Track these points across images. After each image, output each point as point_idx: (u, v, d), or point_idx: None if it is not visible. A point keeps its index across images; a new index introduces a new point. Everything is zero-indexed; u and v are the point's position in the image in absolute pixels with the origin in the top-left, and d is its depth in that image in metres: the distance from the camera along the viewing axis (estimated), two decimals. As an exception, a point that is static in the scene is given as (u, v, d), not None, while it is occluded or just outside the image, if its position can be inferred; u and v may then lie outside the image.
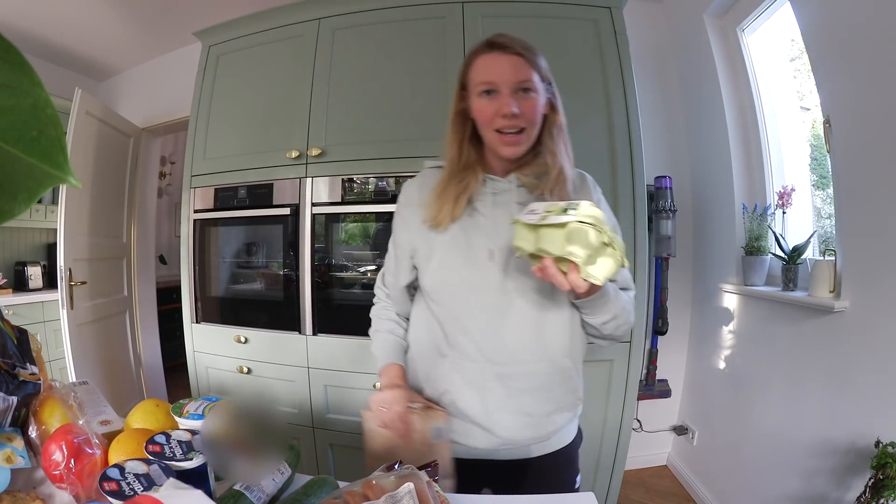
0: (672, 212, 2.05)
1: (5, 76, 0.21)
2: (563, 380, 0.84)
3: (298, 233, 1.69)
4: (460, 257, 0.83)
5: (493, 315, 0.81)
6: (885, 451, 1.10)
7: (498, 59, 0.78)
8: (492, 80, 0.78)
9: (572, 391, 0.86)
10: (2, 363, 0.71)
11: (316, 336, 1.68)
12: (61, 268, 2.27)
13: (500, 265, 0.81)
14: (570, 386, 0.85)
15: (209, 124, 1.86)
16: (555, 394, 0.84)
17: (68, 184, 0.22)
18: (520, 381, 0.82)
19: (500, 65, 0.77)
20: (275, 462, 0.74)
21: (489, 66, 0.78)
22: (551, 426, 0.85)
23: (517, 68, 0.77)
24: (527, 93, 0.78)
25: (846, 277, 1.33)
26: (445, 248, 0.84)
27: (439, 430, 0.82)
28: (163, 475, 0.56)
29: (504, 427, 0.83)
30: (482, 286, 0.81)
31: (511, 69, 0.77)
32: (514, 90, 0.77)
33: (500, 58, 0.78)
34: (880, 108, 1.20)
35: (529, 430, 0.84)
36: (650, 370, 2.18)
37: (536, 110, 0.79)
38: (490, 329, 0.82)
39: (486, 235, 0.82)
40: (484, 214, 0.83)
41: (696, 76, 2.07)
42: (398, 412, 0.83)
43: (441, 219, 0.83)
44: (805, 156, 1.84)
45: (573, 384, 0.85)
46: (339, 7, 1.70)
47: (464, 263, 0.83)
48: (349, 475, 0.68)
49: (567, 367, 0.83)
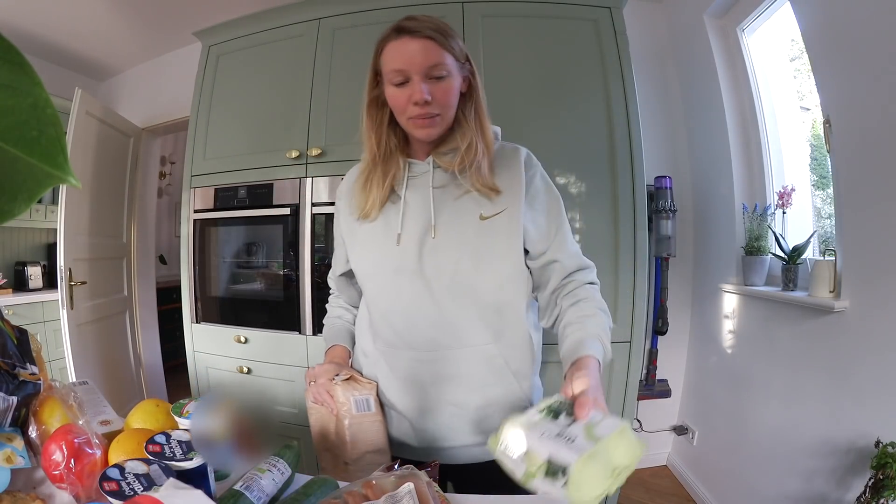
0: (672, 212, 2.05)
1: (5, 76, 0.21)
2: (492, 370, 0.81)
3: (298, 233, 1.69)
4: (376, 244, 0.83)
5: (409, 300, 0.80)
6: (885, 451, 1.10)
7: (407, 44, 0.74)
8: (402, 68, 0.75)
9: (506, 385, 0.82)
10: (2, 363, 0.71)
11: (316, 336, 1.68)
12: (61, 268, 2.27)
13: (414, 249, 0.80)
14: (502, 378, 0.81)
15: (209, 124, 1.86)
16: (483, 384, 0.81)
17: (68, 184, 0.22)
18: (441, 368, 0.80)
19: (409, 50, 0.74)
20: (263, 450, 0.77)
21: (399, 52, 0.75)
22: (488, 424, 0.81)
23: (427, 53, 0.74)
24: (440, 79, 0.75)
25: (846, 277, 1.33)
26: (365, 236, 0.85)
27: (359, 402, 0.81)
28: (163, 475, 0.56)
29: (433, 418, 0.82)
30: (397, 271, 0.80)
31: (421, 54, 0.74)
32: (425, 76, 0.75)
33: (410, 43, 0.74)
34: (880, 108, 1.20)
35: (461, 423, 0.82)
36: (650, 370, 2.18)
37: (450, 95, 0.77)
38: (407, 314, 0.81)
39: (401, 220, 0.81)
40: (402, 199, 0.83)
41: (696, 76, 2.07)
42: (322, 384, 0.82)
43: (369, 209, 0.83)
44: (805, 156, 1.84)
45: (506, 377, 0.81)
46: (339, 7, 1.70)
47: (379, 249, 0.83)
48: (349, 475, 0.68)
49: (493, 356, 0.80)
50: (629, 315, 1.53)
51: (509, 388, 0.82)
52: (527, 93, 1.57)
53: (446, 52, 0.76)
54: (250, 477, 0.63)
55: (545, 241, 0.83)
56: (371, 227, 0.84)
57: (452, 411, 0.82)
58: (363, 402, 0.81)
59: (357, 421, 0.81)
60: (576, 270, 0.83)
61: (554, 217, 0.84)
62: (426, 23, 0.76)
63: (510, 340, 0.82)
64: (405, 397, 0.84)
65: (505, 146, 0.87)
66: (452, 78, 0.77)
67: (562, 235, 0.83)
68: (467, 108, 0.82)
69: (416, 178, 0.84)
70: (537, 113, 1.56)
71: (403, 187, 0.83)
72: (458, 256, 0.79)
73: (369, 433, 0.81)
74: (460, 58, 0.79)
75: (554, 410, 0.60)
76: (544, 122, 1.56)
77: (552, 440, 0.54)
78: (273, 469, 0.66)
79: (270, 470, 0.66)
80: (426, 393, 0.82)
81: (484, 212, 0.79)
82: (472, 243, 0.79)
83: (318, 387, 0.82)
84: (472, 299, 0.80)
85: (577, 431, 0.55)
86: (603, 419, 0.57)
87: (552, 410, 0.60)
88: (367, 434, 0.81)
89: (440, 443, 0.85)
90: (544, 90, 1.58)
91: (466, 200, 0.80)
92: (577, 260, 0.83)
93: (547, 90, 1.59)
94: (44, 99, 0.21)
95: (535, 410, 0.60)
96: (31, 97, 0.21)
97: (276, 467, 0.67)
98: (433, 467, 0.70)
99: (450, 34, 0.77)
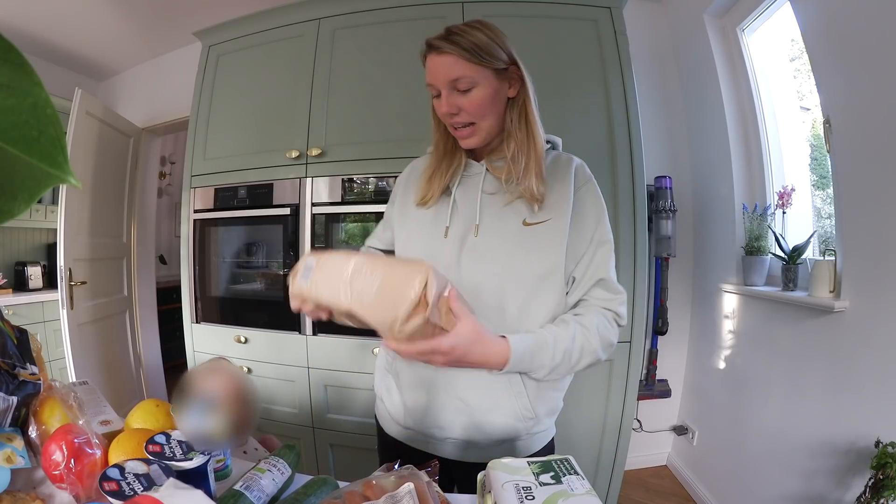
0: (672, 212, 2.05)
1: (5, 76, 0.21)
2: (502, 377, 0.79)
3: (298, 233, 1.69)
4: (425, 232, 0.86)
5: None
6: (885, 451, 1.10)
7: (433, 61, 0.79)
8: (430, 83, 0.80)
9: (515, 395, 0.80)
10: (2, 363, 0.71)
11: (316, 336, 1.68)
12: (61, 268, 2.27)
13: (456, 245, 0.82)
14: (512, 386, 0.80)
15: (209, 124, 1.86)
16: (494, 387, 0.80)
17: (68, 184, 0.22)
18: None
19: (434, 66, 0.78)
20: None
21: (429, 68, 0.80)
22: (490, 427, 0.81)
23: (448, 68, 0.77)
24: (467, 91, 0.78)
25: (846, 277, 1.33)
26: (414, 224, 0.89)
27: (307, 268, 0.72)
28: (163, 475, 0.56)
29: (443, 407, 0.82)
30: (437, 262, 0.79)
31: (442, 70, 0.77)
32: (451, 89, 0.78)
33: (435, 59, 0.78)
34: (880, 108, 1.20)
35: (465, 419, 0.82)
36: (650, 370, 2.18)
37: (479, 104, 0.79)
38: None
39: (449, 216, 0.84)
40: (454, 197, 0.86)
41: (696, 76, 2.07)
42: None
43: (428, 198, 0.87)
44: (805, 156, 1.84)
45: (517, 387, 0.80)
46: (339, 7, 1.70)
47: (424, 239, 0.86)
48: (349, 475, 0.68)
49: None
50: (629, 315, 1.53)
51: (518, 398, 0.81)
52: (527, 93, 1.57)
53: (473, 64, 0.77)
54: (250, 477, 0.63)
55: (578, 259, 0.82)
56: (423, 215, 0.88)
57: (459, 407, 0.82)
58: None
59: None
60: (598, 290, 0.81)
61: (595, 229, 0.82)
62: (451, 36, 0.78)
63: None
64: (415, 381, 0.85)
65: (561, 156, 0.88)
66: (481, 87, 0.78)
67: (599, 257, 0.81)
68: (515, 114, 0.83)
69: (469, 178, 0.87)
70: (537, 113, 1.56)
71: (456, 185, 0.86)
72: (495, 257, 0.80)
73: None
74: (497, 64, 0.79)
75: (545, 467, 0.57)
76: (544, 122, 1.56)
77: (513, 492, 0.52)
78: (273, 469, 0.66)
79: (270, 470, 0.66)
80: (436, 383, 0.83)
81: (528, 219, 0.81)
82: (511, 247, 0.80)
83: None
84: (499, 299, 0.80)
85: (542, 494, 0.52)
86: (580, 496, 0.52)
87: (544, 466, 0.57)
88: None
89: (434, 431, 0.85)
90: (544, 90, 1.57)
91: (514, 206, 0.82)
92: (606, 284, 0.81)
93: (547, 90, 1.58)
94: (44, 99, 0.21)
95: (526, 461, 0.58)
96: (31, 97, 0.21)
97: (276, 467, 0.67)
98: (433, 467, 0.70)
99: (481, 46, 0.78)
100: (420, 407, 0.85)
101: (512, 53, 0.82)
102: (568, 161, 0.87)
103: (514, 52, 0.82)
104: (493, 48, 0.79)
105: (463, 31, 0.78)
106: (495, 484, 0.55)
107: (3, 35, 0.21)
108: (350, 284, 0.65)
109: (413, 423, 0.86)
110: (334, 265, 0.68)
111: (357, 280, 0.65)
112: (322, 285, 0.68)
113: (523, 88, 0.83)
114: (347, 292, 0.65)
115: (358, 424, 1.66)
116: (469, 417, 0.81)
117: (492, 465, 0.58)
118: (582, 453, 1.61)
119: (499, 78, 0.80)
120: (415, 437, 0.88)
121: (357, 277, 0.65)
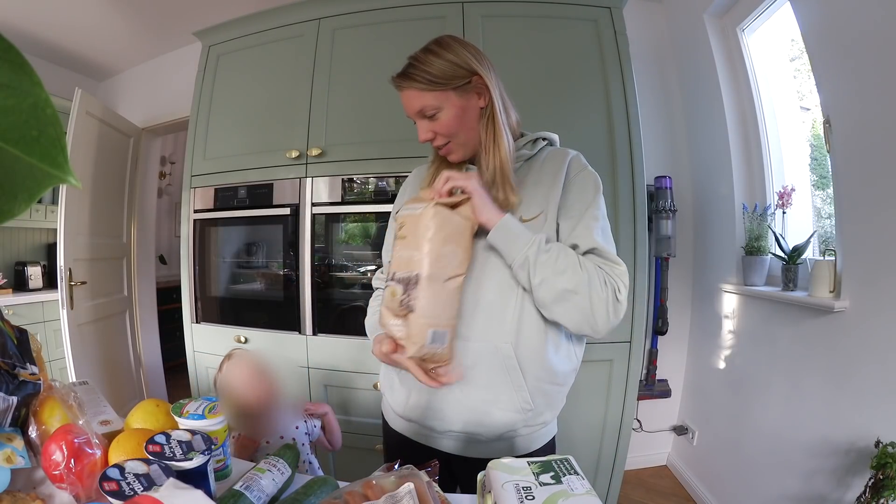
0: (672, 212, 2.05)
1: (5, 76, 0.21)
2: (504, 369, 0.80)
3: (298, 233, 1.69)
4: None
5: None
6: (885, 451, 1.10)
7: (401, 96, 0.84)
8: (407, 114, 0.86)
9: (516, 388, 0.81)
10: (2, 363, 0.70)
11: (316, 336, 1.68)
12: (61, 268, 2.27)
13: None
14: (513, 380, 0.81)
15: (209, 124, 1.86)
16: (493, 382, 0.81)
17: (68, 184, 0.22)
18: (461, 356, 0.80)
19: (403, 101, 0.84)
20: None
21: (402, 101, 0.85)
22: (490, 421, 0.82)
23: (411, 101, 0.82)
24: (433, 116, 0.82)
25: (846, 277, 1.33)
26: None
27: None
28: (163, 475, 0.56)
29: (444, 401, 0.83)
30: None
31: (408, 103, 0.83)
32: (420, 118, 0.83)
33: (402, 94, 0.84)
34: (880, 108, 1.20)
35: (466, 413, 0.82)
36: (650, 370, 2.18)
37: (447, 126, 0.82)
38: None
39: None
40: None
41: (696, 76, 2.07)
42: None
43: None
44: (805, 156, 1.84)
45: (517, 380, 0.81)
46: (339, 7, 1.70)
47: None
48: (349, 475, 0.68)
49: (508, 356, 0.80)
50: (629, 315, 1.53)
51: (518, 391, 0.82)
52: (527, 93, 1.57)
53: (432, 93, 0.81)
54: (250, 477, 0.63)
55: (570, 229, 0.82)
56: None
57: (458, 398, 0.83)
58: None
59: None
60: (592, 256, 0.79)
61: (582, 207, 0.82)
62: (411, 69, 0.81)
63: (529, 348, 0.81)
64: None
65: (556, 152, 0.89)
66: (446, 110, 0.82)
67: (586, 222, 0.81)
68: (485, 122, 0.84)
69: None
70: (537, 113, 1.56)
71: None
72: (487, 255, 0.81)
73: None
74: (456, 83, 0.80)
75: (546, 467, 0.57)
76: (544, 122, 1.56)
77: (513, 492, 0.52)
78: (273, 469, 0.67)
79: (270, 470, 0.66)
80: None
81: (525, 215, 0.82)
82: None
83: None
84: (501, 294, 0.81)
85: (542, 494, 0.52)
86: (580, 496, 0.52)
87: (544, 466, 0.57)
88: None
89: (435, 424, 0.85)
90: (544, 90, 1.58)
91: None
92: (599, 252, 0.79)
93: (547, 90, 1.59)
94: (44, 99, 0.21)
95: (526, 461, 0.58)
96: (31, 97, 0.21)
97: (276, 467, 0.67)
98: (433, 467, 0.70)
99: (436, 74, 0.80)
100: (421, 400, 0.86)
101: (472, 66, 0.81)
102: (563, 154, 0.88)
103: (475, 63, 0.81)
104: (449, 70, 0.80)
105: (419, 61, 0.81)
106: (495, 484, 0.55)
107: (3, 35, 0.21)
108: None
109: (415, 417, 0.87)
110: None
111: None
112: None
113: (490, 95, 0.83)
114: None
115: (358, 424, 1.67)
116: (470, 412, 0.82)
117: (492, 465, 0.58)
118: (582, 453, 1.61)
119: (463, 94, 0.82)
120: (417, 430, 0.88)
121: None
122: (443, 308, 0.73)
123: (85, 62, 2.87)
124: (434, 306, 0.72)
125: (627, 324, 1.54)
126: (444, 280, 0.73)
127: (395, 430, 0.93)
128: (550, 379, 0.83)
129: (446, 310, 0.74)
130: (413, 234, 0.74)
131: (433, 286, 0.72)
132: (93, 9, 2.30)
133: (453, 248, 0.74)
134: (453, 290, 0.75)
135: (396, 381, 0.90)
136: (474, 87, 0.82)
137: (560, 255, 0.76)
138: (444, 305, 0.74)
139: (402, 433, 0.91)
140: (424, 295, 0.72)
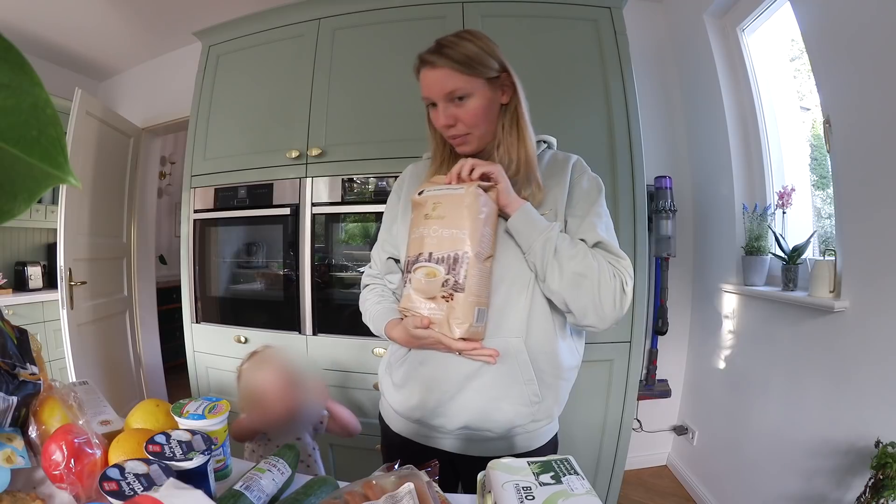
0: (672, 212, 2.05)
1: (5, 76, 0.21)
2: (515, 364, 0.81)
3: (298, 233, 1.69)
4: None
5: None
6: (885, 451, 1.10)
7: (427, 76, 0.81)
8: (427, 96, 0.83)
9: (526, 382, 0.81)
10: (2, 363, 0.70)
11: (316, 336, 1.68)
12: (61, 268, 2.27)
13: None
14: (523, 374, 0.81)
15: (209, 124, 1.86)
16: (504, 376, 0.81)
17: (68, 184, 0.22)
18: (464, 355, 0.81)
19: (429, 81, 0.81)
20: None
21: (424, 82, 0.82)
22: (499, 416, 0.82)
23: (443, 81, 0.79)
24: (461, 100, 0.80)
25: (846, 277, 1.33)
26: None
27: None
28: (163, 475, 0.56)
29: (449, 399, 0.83)
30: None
31: (437, 84, 0.80)
32: (447, 101, 0.81)
33: (429, 74, 0.80)
34: (880, 108, 1.20)
35: (471, 410, 0.82)
36: (650, 370, 2.18)
37: (474, 114, 0.81)
38: None
39: None
40: None
41: (696, 76, 2.07)
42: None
43: None
44: (805, 156, 1.84)
45: (528, 373, 0.81)
46: (339, 7, 1.70)
47: None
48: (349, 475, 0.68)
49: (519, 350, 0.80)
50: (629, 315, 1.53)
51: (528, 384, 0.82)
52: (526, 92, 1.57)
53: (466, 76, 0.79)
54: (250, 477, 0.63)
55: (576, 226, 0.83)
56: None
57: (464, 395, 0.83)
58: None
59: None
60: (597, 250, 0.80)
61: (586, 206, 0.84)
62: (442, 50, 0.79)
63: (539, 343, 0.82)
64: (417, 376, 0.86)
65: (558, 154, 0.91)
66: (476, 98, 0.81)
67: (591, 219, 0.82)
68: (507, 119, 0.84)
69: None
70: (537, 113, 1.55)
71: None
72: (502, 249, 0.82)
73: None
74: (489, 73, 0.81)
75: (545, 467, 0.57)
76: (544, 122, 1.55)
77: (513, 492, 0.52)
78: (273, 469, 0.67)
79: (270, 470, 0.66)
80: (437, 377, 0.84)
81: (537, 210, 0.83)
82: (513, 241, 0.81)
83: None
84: (505, 296, 0.81)
85: (542, 494, 0.51)
86: (580, 496, 0.52)
87: (544, 466, 0.57)
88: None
89: (438, 422, 0.85)
90: (544, 90, 1.58)
91: None
92: (604, 246, 0.80)
93: (547, 90, 1.59)
94: (44, 99, 0.21)
95: (526, 461, 0.58)
96: (31, 97, 0.21)
97: (276, 467, 0.67)
98: (433, 467, 0.70)
99: (472, 57, 0.79)
100: (428, 399, 0.85)
101: (503, 61, 0.83)
102: (565, 158, 0.90)
103: (504, 59, 0.83)
104: (484, 58, 0.80)
105: (453, 44, 0.80)
106: (495, 484, 0.55)
107: (3, 35, 0.21)
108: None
109: (419, 416, 0.87)
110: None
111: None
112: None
113: (515, 95, 0.84)
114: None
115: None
116: (479, 407, 0.82)
117: (492, 466, 0.58)
118: (582, 453, 1.61)
119: (491, 87, 0.82)
120: (419, 430, 0.88)
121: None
122: (484, 286, 0.77)
123: (85, 62, 2.87)
124: (479, 285, 0.75)
125: (627, 324, 1.54)
126: (483, 259, 0.76)
127: (396, 433, 0.92)
128: (558, 373, 0.84)
129: (485, 288, 0.77)
130: (453, 213, 0.75)
131: (477, 265, 0.75)
132: (93, 9, 2.30)
133: (490, 229, 0.77)
134: (489, 270, 0.78)
135: (399, 381, 0.89)
136: (501, 83, 0.83)
137: (575, 242, 0.79)
138: (485, 284, 0.77)
139: (401, 434, 0.91)
140: (473, 273, 0.74)
